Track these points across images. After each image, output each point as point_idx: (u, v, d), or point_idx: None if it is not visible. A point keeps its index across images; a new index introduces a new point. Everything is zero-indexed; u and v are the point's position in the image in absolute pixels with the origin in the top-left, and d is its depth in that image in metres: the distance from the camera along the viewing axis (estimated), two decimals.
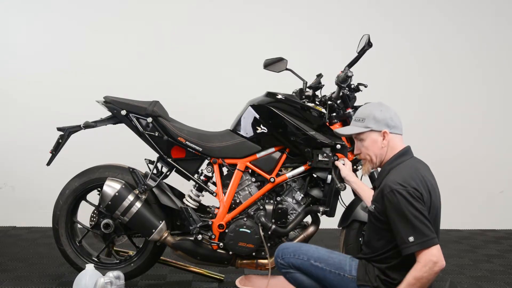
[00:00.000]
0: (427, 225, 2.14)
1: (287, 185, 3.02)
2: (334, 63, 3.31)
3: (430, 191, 2.23)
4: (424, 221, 2.14)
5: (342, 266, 2.33)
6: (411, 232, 2.13)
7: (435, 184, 2.32)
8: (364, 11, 4.82)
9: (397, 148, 2.35)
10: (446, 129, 4.88)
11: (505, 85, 4.95)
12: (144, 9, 4.69)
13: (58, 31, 4.64)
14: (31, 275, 3.32)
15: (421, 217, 2.14)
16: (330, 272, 2.34)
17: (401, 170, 2.26)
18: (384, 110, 2.36)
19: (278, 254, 2.45)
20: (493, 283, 3.35)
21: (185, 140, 2.98)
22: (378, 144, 2.34)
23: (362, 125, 2.36)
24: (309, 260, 2.37)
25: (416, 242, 2.12)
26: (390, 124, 2.34)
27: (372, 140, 2.34)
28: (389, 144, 2.34)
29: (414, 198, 2.15)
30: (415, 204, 2.14)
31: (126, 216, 2.90)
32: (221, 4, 4.73)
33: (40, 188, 4.47)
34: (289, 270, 2.42)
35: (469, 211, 4.87)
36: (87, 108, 3.54)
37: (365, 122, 2.36)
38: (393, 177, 2.22)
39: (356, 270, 2.31)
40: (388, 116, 2.35)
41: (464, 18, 4.89)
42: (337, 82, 2.92)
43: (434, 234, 2.14)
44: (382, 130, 2.33)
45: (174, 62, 4.67)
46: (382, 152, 2.35)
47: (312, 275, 2.38)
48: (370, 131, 2.34)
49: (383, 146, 2.34)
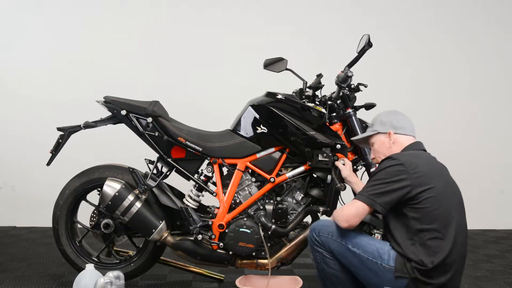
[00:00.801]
0: (383, 191, 2.25)
1: (287, 185, 3.02)
2: (334, 63, 3.31)
3: (429, 181, 2.27)
4: (382, 187, 2.25)
5: (381, 254, 2.31)
6: (370, 185, 2.31)
7: (445, 172, 2.40)
8: (364, 11, 4.82)
9: (404, 146, 2.46)
10: (446, 129, 4.88)
11: (505, 85, 4.95)
12: (144, 9, 4.69)
13: (58, 31, 4.64)
14: (31, 275, 3.32)
15: (384, 184, 2.26)
16: (368, 259, 2.31)
17: (410, 152, 2.40)
18: (391, 114, 2.53)
19: (314, 228, 2.43)
20: (493, 283, 3.35)
21: (185, 140, 2.98)
22: (386, 145, 2.48)
23: (371, 129, 2.54)
24: (347, 244, 2.35)
25: (363, 193, 2.31)
26: (395, 125, 2.47)
27: (380, 141, 2.50)
28: (395, 143, 2.46)
29: (396, 169, 2.27)
30: (391, 173, 2.26)
31: (126, 216, 2.90)
32: (221, 5, 4.73)
33: (40, 188, 4.48)
34: (321, 249, 2.40)
35: (469, 211, 4.83)
36: (87, 108, 3.54)
37: (373, 127, 2.53)
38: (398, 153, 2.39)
39: (394, 261, 2.28)
40: (395, 118, 2.49)
41: (466, 18, 4.89)
42: (337, 82, 2.92)
43: (380, 201, 2.25)
44: (388, 131, 2.47)
45: (174, 62, 4.67)
46: (389, 152, 2.46)
47: (346, 261, 2.35)
48: (377, 134, 2.51)
49: (390, 146, 2.46)
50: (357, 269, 2.35)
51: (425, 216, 2.25)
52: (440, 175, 2.35)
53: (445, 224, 2.26)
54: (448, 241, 2.25)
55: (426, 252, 2.24)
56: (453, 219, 2.29)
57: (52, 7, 4.64)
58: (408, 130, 2.48)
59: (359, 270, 2.35)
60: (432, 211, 2.25)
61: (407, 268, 2.25)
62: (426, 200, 2.25)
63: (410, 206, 2.27)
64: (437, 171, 2.36)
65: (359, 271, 2.35)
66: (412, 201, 2.27)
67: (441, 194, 2.29)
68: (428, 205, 2.25)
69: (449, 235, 2.26)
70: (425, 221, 2.25)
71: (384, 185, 2.27)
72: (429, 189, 2.26)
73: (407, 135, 2.48)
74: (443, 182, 2.34)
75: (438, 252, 2.23)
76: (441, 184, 2.31)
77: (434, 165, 2.38)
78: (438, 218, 2.26)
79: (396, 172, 2.27)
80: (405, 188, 2.26)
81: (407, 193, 2.26)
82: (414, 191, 2.26)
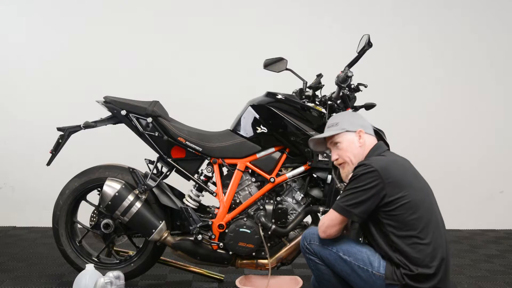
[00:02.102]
0: (358, 201, 2.23)
1: (287, 185, 3.02)
2: (334, 63, 3.31)
3: (403, 185, 2.26)
4: (355, 196, 2.24)
5: (371, 262, 2.30)
6: (345, 195, 2.29)
7: (416, 174, 2.38)
8: (364, 11, 4.82)
9: (370, 146, 2.42)
10: (446, 129, 4.88)
11: (505, 85, 4.95)
12: (144, 9, 4.69)
13: (58, 31, 4.64)
14: (31, 275, 3.32)
15: (359, 193, 2.23)
16: (359, 267, 2.30)
17: (381, 156, 2.37)
18: (355, 114, 2.51)
19: (306, 237, 2.42)
20: (493, 283, 3.35)
21: (185, 140, 2.98)
22: (355, 144, 2.41)
23: (337, 128, 2.44)
24: (338, 252, 2.34)
25: (338, 203, 2.29)
26: (363, 124, 2.43)
27: (348, 140, 2.42)
28: (364, 143, 2.41)
29: (370, 176, 2.23)
30: (366, 181, 2.23)
31: (126, 216, 2.90)
32: (221, 4, 4.73)
33: (40, 188, 4.47)
34: (313, 257, 2.40)
35: (469, 211, 4.87)
36: (87, 108, 3.54)
37: (339, 125, 2.44)
38: (370, 159, 2.34)
39: (384, 268, 2.27)
40: (360, 118, 2.48)
41: (466, 18, 4.89)
42: (337, 82, 2.92)
43: (355, 211, 2.24)
44: (357, 130, 2.41)
45: (175, 62, 4.67)
46: (360, 152, 2.41)
47: (337, 268, 2.35)
48: (345, 132, 2.42)
49: (360, 145, 2.40)
50: (349, 277, 2.35)
51: (402, 223, 2.24)
52: (413, 179, 2.33)
53: (423, 228, 2.25)
54: (429, 244, 2.24)
55: (409, 258, 2.23)
56: (430, 221, 2.28)
57: (52, 7, 4.63)
58: (371, 130, 2.47)
59: (351, 278, 2.34)
60: (408, 217, 2.24)
61: (397, 275, 2.24)
62: (402, 206, 2.24)
63: (386, 213, 2.26)
64: (409, 175, 2.33)
65: (351, 278, 2.34)
66: (387, 207, 2.25)
67: (416, 198, 2.26)
68: (404, 211, 2.24)
69: (428, 238, 2.24)
70: (402, 228, 2.24)
71: (359, 194, 2.24)
72: (404, 196, 2.24)
73: (372, 136, 2.46)
74: (417, 185, 2.32)
75: (420, 257, 2.23)
76: (415, 189, 2.29)
77: (406, 169, 2.35)
78: (415, 223, 2.24)
79: (370, 179, 2.24)
80: (380, 194, 2.23)
81: (382, 199, 2.24)
82: (389, 197, 2.24)
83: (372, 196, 2.24)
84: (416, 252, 2.23)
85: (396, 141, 3.32)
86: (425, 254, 2.23)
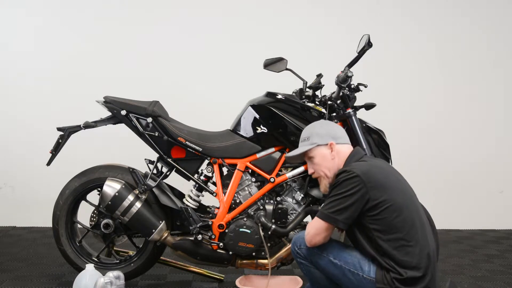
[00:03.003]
0: (342, 207, 2.22)
1: (287, 185, 3.02)
2: (334, 63, 3.31)
3: (385, 188, 2.25)
4: (342, 203, 2.22)
5: (361, 266, 2.29)
6: (325, 202, 2.29)
7: (398, 176, 2.38)
8: (364, 10, 4.82)
9: (346, 155, 2.40)
10: (446, 129, 4.88)
11: (505, 85, 4.95)
12: (144, 9, 4.69)
13: (58, 31, 4.64)
14: (31, 275, 3.32)
15: (343, 199, 2.22)
16: (349, 271, 2.30)
17: (362, 161, 2.35)
18: (325, 124, 2.45)
19: (296, 242, 2.42)
20: (493, 283, 3.35)
21: (185, 140, 2.98)
22: (328, 157, 2.40)
23: (308, 143, 2.43)
24: (328, 256, 2.33)
25: (322, 210, 2.28)
26: (334, 135, 2.40)
27: (321, 154, 2.41)
28: (338, 154, 2.39)
29: (352, 182, 2.21)
30: (349, 187, 2.21)
31: (126, 216, 2.90)
32: (221, 4, 4.73)
33: (40, 188, 4.47)
34: (304, 261, 2.39)
35: (469, 211, 4.87)
36: (87, 108, 3.54)
37: (310, 140, 2.43)
38: (350, 165, 2.33)
39: (374, 272, 2.27)
40: (331, 128, 2.43)
41: (466, 18, 4.89)
42: (337, 82, 2.92)
43: (340, 217, 2.22)
44: (328, 142, 2.39)
45: (175, 62, 4.67)
46: (333, 164, 2.40)
47: (328, 272, 2.34)
48: (317, 146, 2.41)
49: (333, 158, 2.39)
50: (340, 281, 2.34)
51: (388, 226, 2.24)
52: (395, 181, 2.32)
53: (408, 230, 2.24)
54: (415, 245, 2.23)
55: (398, 261, 2.22)
56: (414, 222, 2.27)
57: (52, 7, 4.63)
58: (345, 138, 2.44)
59: (342, 281, 2.33)
60: (393, 220, 2.23)
61: (387, 279, 2.24)
62: (386, 209, 2.23)
63: (371, 218, 2.25)
64: (391, 178, 2.32)
65: (342, 282, 2.34)
66: (372, 212, 2.24)
67: (399, 201, 2.26)
68: (388, 214, 2.23)
69: (414, 240, 2.24)
70: (388, 231, 2.23)
71: (343, 200, 2.23)
72: (387, 199, 2.23)
73: (346, 144, 2.44)
74: (399, 187, 2.31)
75: (408, 260, 2.22)
76: (397, 191, 2.29)
77: (387, 172, 2.34)
78: (401, 225, 2.23)
79: (353, 185, 2.23)
80: (364, 198, 2.23)
81: (366, 204, 2.23)
82: (372, 201, 2.23)
83: (356, 201, 2.23)
84: (403, 255, 2.22)
85: (396, 141, 3.33)
86: (413, 256, 2.23)
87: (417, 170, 4.61)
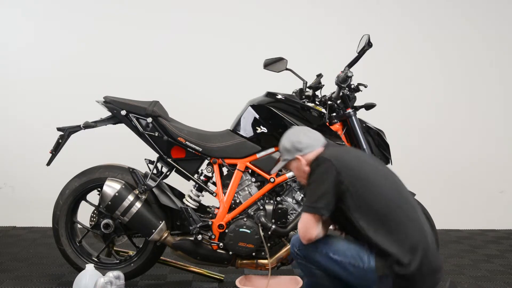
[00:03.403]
0: (319, 194, 2.27)
1: (287, 185, 3.02)
2: (334, 63, 3.31)
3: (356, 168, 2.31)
4: (316, 190, 2.28)
5: (361, 257, 2.28)
6: (306, 196, 2.35)
7: (376, 160, 2.45)
8: (364, 10, 4.82)
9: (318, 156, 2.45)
10: (446, 128, 4.87)
11: (505, 85, 4.95)
12: (145, 9, 4.68)
13: (58, 31, 4.64)
14: (31, 275, 3.32)
15: (318, 187, 2.28)
16: (349, 264, 2.29)
17: (329, 150, 2.42)
18: (291, 136, 2.50)
19: (294, 243, 2.42)
20: (493, 283, 3.35)
21: (185, 140, 2.98)
22: (302, 168, 2.46)
23: (282, 158, 2.54)
24: (328, 253, 2.33)
25: (304, 204, 2.35)
26: (299, 147, 2.45)
27: (295, 168, 2.50)
28: (310, 160, 2.43)
29: (322, 168, 2.29)
30: (320, 173, 2.29)
31: (126, 216, 2.90)
32: (221, 4, 4.73)
33: (40, 188, 4.47)
34: (304, 262, 2.39)
35: (469, 211, 4.87)
36: (87, 108, 3.54)
37: (283, 156, 2.52)
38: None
39: (374, 261, 2.26)
40: (296, 140, 2.46)
41: (466, 18, 4.89)
42: (337, 82, 2.92)
43: (320, 204, 2.26)
44: (295, 157, 2.45)
45: (175, 62, 4.67)
46: (307, 172, 2.44)
47: (329, 269, 2.34)
48: (288, 162, 2.50)
49: (305, 169, 2.44)
50: (342, 275, 2.33)
51: (370, 211, 2.25)
52: (369, 165, 2.36)
53: (394, 215, 2.26)
54: (404, 230, 2.24)
55: (391, 248, 2.22)
56: (400, 207, 2.28)
57: (52, 7, 4.63)
58: (313, 145, 2.45)
59: (344, 276, 2.33)
60: (375, 206, 2.25)
61: (386, 266, 2.23)
62: (363, 192, 2.26)
63: (352, 206, 2.26)
64: (364, 162, 2.38)
65: (344, 277, 2.33)
66: (350, 199, 2.26)
67: (377, 184, 2.29)
68: (368, 200, 2.25)
69: (403, 224, 2.25)
70: (372, 218, 2.25)
71: (318, 186, 2.28)
72: (364, 184, 2.27)
73: (316, 149, 2.45)
74: (376, 171, 2.35)
75: (400, 245, 2.22)
76: (375, 175, 2.33)
77: (360, 156, 2.42)
78: (384, 211, 2.25)
79: (324, 169, 2.29)
80: (337, 180, 2.26)
81: (340, 186, 2.26)
82: (347, 185, 2.26)
83: (330, 185, 2.26)
84: (394, 241, 2.22)
85: (396, 141, 3.33)
86: (403, 241, 2.22)
87: (417, 170, 4.61)
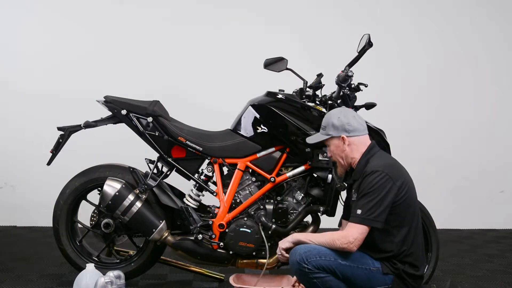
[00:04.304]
0: (381, 209, 2.36)
1: (287, 185, 3.02)
2: (334, 63, 3.31)
3: (405, 182, 2.46)
4: (381, 205, 2.36)
5: (366, 260, 2.43)
6: (361, 206, 2.39)
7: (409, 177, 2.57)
8: (364, 10, 4.82)
9: (361, 148, 2.54)
10: (446, 128, 4.87)
11: (505, 85, 4.95)
12: (145, 10, 4.69)
13: (58, 31, 4.64)
14: (31, 275, 3.32)
15: (381, 201, 2.36)
16: (358, 268, 2.41)
17: (380, 158, 2.50)
18: (342, 116, 2.55)
19: (301, 259, 2.39)
20: (493, 283, 3.35)
21: (186, 140, 2.98)
22: (341, 148, 2.53)
23: (324, 133, 2.58)
24: (337, 259, 2.40)
25: (360, 216, 2.38)
26: (348, 129, 2.51)
27: (334, 145, 2.55)
28: (351, 146, 2.52)
29: (386, 182, 2.38)
30: (384, 188, 2.37)
31: (126, 216, 2.90)
32: (221, 4, 4.73)
33: (40, 188, 4.46)
34: (319, 273, 2.39)
35: (469, 211, 4.87)
36: (88, 108, 3.53)
37: (326, 130, 2.56)
38: (375, 163, 2.45)
39: (379, 262, 2.44)
40: (346, 121, 2.52)
41: (466, 18, 4.89)
42: (337, 82, 2.92)
43: (379, 219, 2.37)
44: (341, 136, 2.51)
45: (175, 62, 4.67)
46: (346, 154, 2.54)
47: (340, 275, 2.40)
48: (331, 138, 2.54)
49: (345, 150, 2.52)
50: (352, 279, 2.42)
51: (404, 221, 2.46)
52: (409, 178, 2.53)
53: (414, 219, 2.49)
54: (415, 233, 2.49)
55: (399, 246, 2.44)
56: (415, 209, 2.51)
57: (52, 7, 4.63)
58: (360, 130, 2.54)
59: (353, 279, 2.42)
60: (402, 211, 2.44)
61: (389, 263, 2.43)
62: (402, 203, 2.43)
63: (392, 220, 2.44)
64: (406, 175, 2.52)
65: (354, 280, 2.43)
66: (396, 211, 2.44)
67: (412, 195, 2.50)
68: (402, 207, 2.44)
69: (413, 228, 2.48)
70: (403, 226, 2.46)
71: (381, 201, 2.38)
72: (406, 196, 2.44)
73: (361, 135, 2.54)
74: (411, 183, 2.53)
75: (404, 241, 2.44)
76: (411, 186, 2.50)
77: (404, 170, 2.54)
78: (407, 215, 2.46)
79: (385, 184, 2.38)
80: (394, 197, 2.40)
81: (396, 200, 2.41)
82: (399, 198, 2.42)
83: (390, 201, 2.39)
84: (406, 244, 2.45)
85: (396, 141, 3.32)
86: (420, 245, 2.51)
87: (417, 170, 4.56)
